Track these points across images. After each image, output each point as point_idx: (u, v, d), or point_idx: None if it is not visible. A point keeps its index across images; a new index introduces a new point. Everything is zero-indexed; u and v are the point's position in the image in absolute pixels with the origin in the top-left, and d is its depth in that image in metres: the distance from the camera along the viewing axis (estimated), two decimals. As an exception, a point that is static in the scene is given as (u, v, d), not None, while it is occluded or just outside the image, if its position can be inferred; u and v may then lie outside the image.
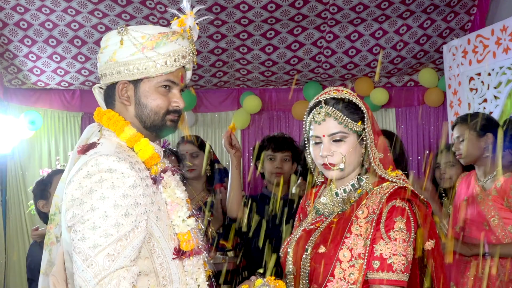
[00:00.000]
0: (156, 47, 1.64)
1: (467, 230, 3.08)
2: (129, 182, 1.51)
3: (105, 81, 1.69)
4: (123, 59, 1.64)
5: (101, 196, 1.48)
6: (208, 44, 4.96)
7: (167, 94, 1.69)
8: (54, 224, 1.78)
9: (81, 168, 1.52)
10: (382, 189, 1.83)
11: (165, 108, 1.69)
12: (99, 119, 1.72)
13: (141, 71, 1.64)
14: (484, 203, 3.01)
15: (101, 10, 4.63)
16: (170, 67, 1.66)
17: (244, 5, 4.61)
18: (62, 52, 4.96)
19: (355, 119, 1.85)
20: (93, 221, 1.46)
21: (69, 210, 1.50)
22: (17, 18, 4.68)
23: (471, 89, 4.36)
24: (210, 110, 5.72)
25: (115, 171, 1.50)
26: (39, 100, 5.35)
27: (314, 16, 4.79)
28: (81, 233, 1.46)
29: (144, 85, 1.67)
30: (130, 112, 1.69)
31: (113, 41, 1.66)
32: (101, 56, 1.69)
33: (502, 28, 3.98)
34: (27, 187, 5.16)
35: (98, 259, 1.44)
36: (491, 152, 3.03)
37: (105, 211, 1.47)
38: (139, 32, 1.65)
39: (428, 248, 1.80)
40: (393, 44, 5.09)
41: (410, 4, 4.76)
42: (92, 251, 1.44)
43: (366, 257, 1.72)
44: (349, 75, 5.46)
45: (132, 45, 1.63)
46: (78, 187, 1.50)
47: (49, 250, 1.79)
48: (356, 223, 1.79)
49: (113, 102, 1.71)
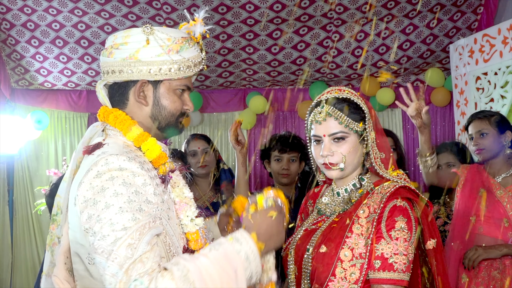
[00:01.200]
0: (181, 51, 1.66)
1: (479, 228, 3.03)
2: (140, 180, 1.51)
3: (120, 78, 1.66)
4: (148, 59, 1.63)
5: (114, 193, 1.47)
6: (214, 44, 4.97)
7: (180, 97, 1.72)
8: (56, 225, 1.78)
9: (91, 169, 1.51)
10: (383, 189, 1.82)
11: (180, 111, 1.73)
12: (105, 117, 1.71)
13: (165, 73, 1.65)
14: (505, 199, 2.97)
15: (107, 10, 4.65)
16: (190, 71, 1.69)
17: (250, 5, 4.61)
18: (69, 52, 4.98)
19: (356, 119, 1.85)
20: (109, 217, 1.45)
21: (84, 212, 1.48)
22: (24, 19, 4.71)
23: (478, 89, 4.34)
24: (216, 110, 5.73)
25: (126, 169, 1.50)
26: (46, 101, 5.39)
27: (320, 16, 4.79)
28: (100, 233, 1.45)
29: (164, 87, 1.68)
30: (145, 112, 1.70)
31: (136, 38, 1.65)
32: (117, 52, 1.65)
33: (508, 27, 3.96)
34: (34, 187, 5.21)
35: (120, 251, 1.43)
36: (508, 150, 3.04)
37: (120, 206, 1.46)
38: (165, 33, 1.66)
39: (429, 247, 1.80)
40: (399, 43, 5.07)
41: (417, 4, 4.74)
42: (113, 246, 1.43)
43: (367, 256, 1.71)
44: (355, 75, 5.46)
45: (158, 46, 1.64)
46: (89, 188, 1.49)
47: (52, 251, 1.78)
48: (357, 222, 1.78)
49: (124, 101, 1.70)
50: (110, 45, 1.68)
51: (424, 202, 1.82)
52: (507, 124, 3.09)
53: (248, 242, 1.54)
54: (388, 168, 1.87)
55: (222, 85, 5.56)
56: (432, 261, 1.79)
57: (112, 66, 1.66)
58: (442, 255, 1.82)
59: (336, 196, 1.93)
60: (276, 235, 1.61)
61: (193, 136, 3.78)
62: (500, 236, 2.96)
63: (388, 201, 1.76)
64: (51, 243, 1.79)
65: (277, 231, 1.61)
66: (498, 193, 3.00)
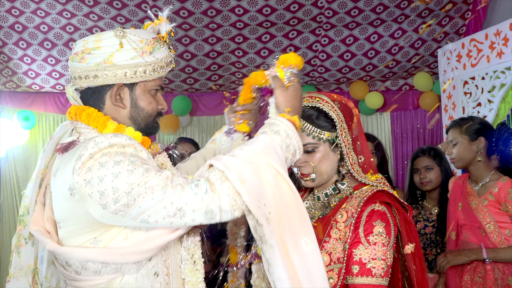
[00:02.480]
0: (153, 52, 1.67)
1: (465, 235, 3.06)
2: (130, 150, 1.51)
3: (95, 83, 1.65)
4: (122, 62, 1.63)
5: (115, 163, 1.46)
6: (203, 47, 4.96)
7: (154, 97, 1.73)
8: (23, 225, 1.75)
9: (82, 154, 1.48)
10: (361, 193, 1.81)
11: (156, 111, 1.74)
12: (77, 115, 1.68)
13: (140, 75, 1.66)
14: (478, 209, 2.98)
15: (96, 13, 4.63)
16: (163, 71, 1.71)
17: (239, 9, 4.61)
18: (57, 55, 4.96)
19: (326, 128, 1.82)
20: (124, 182, 1.44)
21: (94, 193, 1.46)
22: (12, 20, 4.68)
23: (466, 93, 4.36)
24: (205, 113, 5.72)
25: (115, 144, 1.50)
26: (34, 103, 5.36)
27: (309, 20, 4.79)
28: (125, 196, 1.43)
29: (139, 88, 1.69)
30: (123, 115, 1.70)
31: (109, 42, 1.64)
32: (90, 56, 1.63)
33: (495, 33, 3.97)
34: (21, 190, 5.17)
35: (153, 184, 1.43)
36: (484, 157, 3.01)
37: (127, 169, 1.45)
38: (137, 36, 1.67)
39: (407, 251, 1.78)
40: (388, 48, 5.09)
41: (405, 8, 4.76)
42: (144, 191, 1.44)
43: (345, 261, 1.71)
44: (344, 79, 5.46)
45: (132, 48, 1.64)
46: (86, 171, 1.46)
47: (18, 253, 1.76)
48: (335, 227, 1.78)
49: (100, 105, 1.69)
50: (81, 50, 1.66)
51: (402, 206, 1.82)
52: (483, 130, 3.06)
53: (283, 122, 1.59)
54: (367, 172, 1.86)
55: (211, 88, 5.55)
56: (411, 266, 1.78)
57: (86, 71, 1.65)
58: (421, 259, 1.81)
59: (316, 200, 1.93)
60: (300, 105, 1.69)
61: (181, 140, 3.79)
62: (484, 243, 2.97)
63: (365, 205, 1.75)
64: (18, 244, 1.77)
65: (301, 100, 1.70)
66: (474, 204, 3.01)
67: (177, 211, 1.43)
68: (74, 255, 1.55)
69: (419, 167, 3.55)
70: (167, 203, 1.43)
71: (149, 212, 1.44)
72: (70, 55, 1.71)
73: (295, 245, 1.50)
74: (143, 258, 1.55)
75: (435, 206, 3.51)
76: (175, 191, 1.43)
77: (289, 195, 1.52)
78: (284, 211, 1.51)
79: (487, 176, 3.01)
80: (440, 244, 3.39)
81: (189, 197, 1.43)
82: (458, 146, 3.05)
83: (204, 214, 1.45)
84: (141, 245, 1.53)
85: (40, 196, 1.70)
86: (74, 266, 1.57)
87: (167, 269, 1.62)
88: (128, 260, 1.53)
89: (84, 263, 1.55)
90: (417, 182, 3.56)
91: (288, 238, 1.50)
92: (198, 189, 1.44)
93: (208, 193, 1.44)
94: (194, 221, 1.46)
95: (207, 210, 1.44)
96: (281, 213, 1.50)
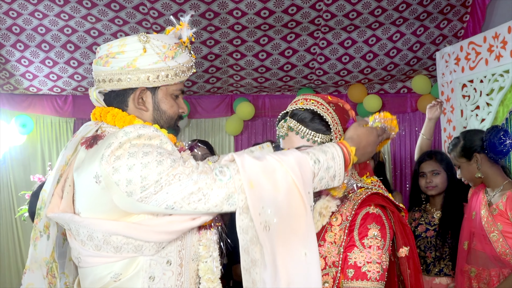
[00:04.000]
0: (175, 57, 1.73)
1: (474, 243, 3.06)
2: (156, 142, 1.56)
3: (119, 86, 1.71)
4: (146, 67, 1.68)
5: (144, 153, 1.52)
6: (201, 50, 4.95)
7: (176, 100, 1.79)
8: (39, 219, 1.78)
9: (112, 142, 1.54)
10: (356, 196, 1.79)
11: (178, 114, 1.81)
12: (102, 116, 1.74)
13: (163, 79, 1.71)
14: (485, 218, 2.99)
15: (94, 15, 4.63)
16: (184, 76, 1.77)
17: (237, 11, 4.60)
18: (54, 57, 4.95)
19: (321, 130, 1.80)
20: (153, 172, 1.50)
21: (121, 180, 1.51)
22: (10, 22, 4.67)
23: (464, 96, 4.35)
24: (203, 116, 5.71)
25: (143, 135, 1.56)
26: (31, 106, 5.35)
27: (307, 22, 4.78)
28: (159, 185, 1.50)
29: (161, 92, 1.74)
30: (147, 117, 1.75)
31: (133, 47, 1.69)
32: (114, 60, 1.69)
33: (494, 35, 3.97)
34: (18, 192, 5.15)
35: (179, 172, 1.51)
36: (488, 167, 3.04)
37: (156, 160, 1.51)
38: (160, 41, 1.72)
39: (401, 255, 1.76)
40: (386, 51, 5.08)
41: (403, 11, 4.75)
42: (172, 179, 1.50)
43: (340, 265, 1.69)
44: (342, 82, 5.45)
45: (155, 53, 1.69)
46: (115, 159, 1.52)
47: (35, 245, 1.79)
48: (330, 230, 1.76)
49: (124, 108, 1.74)
50: (105, 54, 1.72)
51: (397, 209, 1.80)
52: (473, 147, 3.10)
53: (335, 146, 1.65)
54: (363, 175, 1.84)
55: (209, 91, 5.54)
56: (405, 269, 1.77)
57: (110, 75, 1.71)
58: (415, 263, 1.79)
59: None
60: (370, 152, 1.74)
61: (193, 142, 3.81)
62: (488, 252, 2.97)
63: (360, 208, 1.74)
64: (34, 237, 1.80)
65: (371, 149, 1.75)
66: (482, 212, 3.02)
67: (202, 196, 1.50)
68: (101, 227, 1.58)
69: (425, 171, 3.50)
70: (195, 188, 1.50)
71: (175, 198, 1.50)
72: (94, 59, 1.76)
73: (291, 256, 1.54)
74: (165, 239, 1.60)
75: (438, 210, 3.48)
76: (201, 177, 1.51)
77: (299, 209, 1.57)
78: (288, 222, 1.55)
79: (501, 184, 3.02)
80: (440, 248, 3.37)
81: (214, 183, 1.51)
82: (461, 170, 3.16)
83: (226, 200, 1.52)
84: (165, 226, 1.58)
85: (58, 189, 1.73)
86: (96, 240, 1.60)
87: (181, 260, 1.67)
88: (151, 239, 1.58)
89: (108, 236, 1.58)
90: (422, 186, 3.52)
91: (285, 247, 1.54)
92: (222, 175, 1.52)
93: (232, 178, 1.52)
94: (217, 207, 1.52)
95: (230, 195, 1.52)
96: (285, 222, 1.55)
